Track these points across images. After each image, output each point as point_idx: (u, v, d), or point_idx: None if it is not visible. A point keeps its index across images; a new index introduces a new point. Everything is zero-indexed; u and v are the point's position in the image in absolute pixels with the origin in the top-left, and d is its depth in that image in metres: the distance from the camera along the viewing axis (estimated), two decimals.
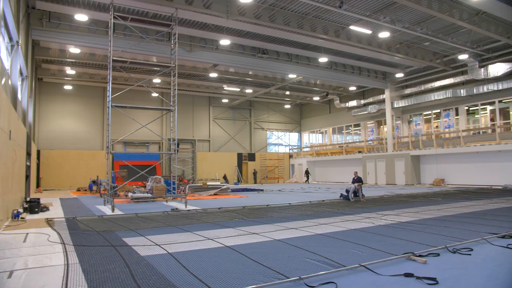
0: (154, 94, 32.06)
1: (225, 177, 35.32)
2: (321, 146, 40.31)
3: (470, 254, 5.31)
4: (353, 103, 34.83)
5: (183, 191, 18.97)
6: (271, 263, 4.90)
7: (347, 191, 15.25)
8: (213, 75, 28.18)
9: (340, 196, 15.82)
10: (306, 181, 36.31)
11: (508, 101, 25.17)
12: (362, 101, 34.29)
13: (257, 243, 6.36)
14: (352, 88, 34.05)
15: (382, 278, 4.27)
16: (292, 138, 43.82)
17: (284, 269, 4.59)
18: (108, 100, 14.02)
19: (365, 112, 33.39)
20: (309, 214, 10.55)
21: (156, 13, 17.51)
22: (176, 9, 15.08)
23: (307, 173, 36.41)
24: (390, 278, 4.24)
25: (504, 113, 25.80)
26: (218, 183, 25.69)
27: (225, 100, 37.57)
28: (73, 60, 23.80)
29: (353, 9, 17.07)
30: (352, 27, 19.71)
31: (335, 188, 24.03)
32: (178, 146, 29.91)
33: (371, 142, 34.61)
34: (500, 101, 25.28)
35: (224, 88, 33.43)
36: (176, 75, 15.36)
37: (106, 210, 12.52)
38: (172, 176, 16.29)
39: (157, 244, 6.32)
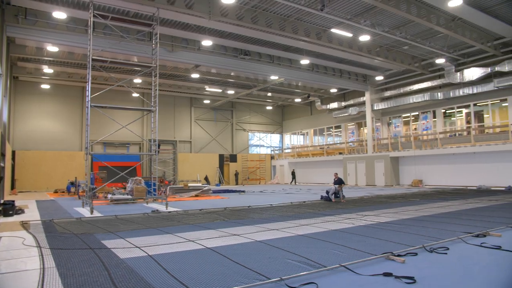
0: (135, 95, 31.64)
1: (206, 178, 35.14)
2: (303, 147, 40.60)
3: (446, 253, 5.44)
4: (334, 105, 35.22)
5: (164, 192, 18.78)
6: (252, 264, 4.91)
7: (328, 192, 15.40)
8: (195, 75, 28.02)
9: (321, 198, 15.96)
10: (292, 182, 36.18)
11: (482, 105, 25.93)
12: (343, 103, 34.71)
13: (238, 245, 6.35)
14: (333, 90, 34.42)
15: (362, 277, 4.33)
16: (273, 139, 43.97)
17: (265, 270, 4.60)
18: (87, 100, 13.75)
19: (346, 114, 33.81)
20: (290, 215, 10.61)
21: (137, 13, 17.30)
22: (157, 8, 14.95)
23: (293, 174, 36.33)
24: (370, 278, 4.30)
25: (478, 116, 26.59)
26: (200, 184, 25.56)
27: (206, 101, 37.40)
28: (50, 59, 23.23)
29: (334, 12, 17.28)
30: (333, 30, 19.94)
31: (316, 189, 24.22)
32: (159, 147, 29.52)
33: (351, 143, 35.07)
34: (475, 105, 26.03)
35: (206, 89, 33.29)
36: (157, 75, 15.21)
37: (85, 212, 12.28)
38: (153, 177, 16.11)
39: (137, 247, 6.23)
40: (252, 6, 17.66)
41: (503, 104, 24.82)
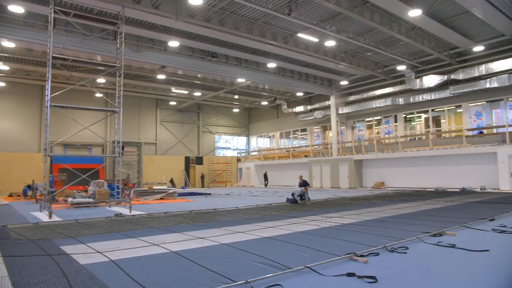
0: (98, 95, 30.69)
1: (171, 181, 34.60)
2: (269, 150, 40.88)
3: (406, 253, 5.64)
4: (300, 108, 35.74)
5: (128, 195, 18.32)
6: (217, 268, 4.88)
7: (293, 194, 15.57)
8: (161, 76, 27.58)
9: (287, 200, 16.11)
10: (265, 184, 35.93)
11: (440, 110, 27.20)
12: (309, 107, 35.29)
13: (204, 248, 6.30)
14: (300, 94, 34.92)
15: (326, 278, 4.41)
16: (240, 142, 44.00)
17: (231, 273, 4.59)
18: (46, 100, 13.16)
19: (312, 118, 34.39)
20: (256, 217, 10.63)
21: (101, 10, 16.81)
22: (123, 7, 14.59)
23: (265, 176, 36.15)
24: (333, 278, 4.39)
25: (436, 121, 27.85)
26: (165, 187, 25.11)
27: (173, 103, 36.90)
28: (6, 55, 22.10)
29: (301, 17, 17.56)
30: (300, 35, 20.27)
31: (282, 192, 24.44)
32: (123, 149, 28.78)
33: (317, 146, 35.69)
34: (433, 110, 27.26)
35: (172, 90, 32.87)
36: (122, 75, 14.83)
37: (43, 216, 11.75)
38: (116, 180, 15.67)
39: (98, 252, 6.03)
40: (220, 8, 17.63)
41: (458, 110, 26.14)
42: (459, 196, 17.23)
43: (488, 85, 22.36)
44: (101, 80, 28.28)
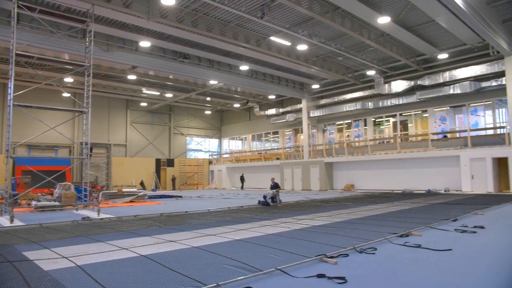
0: (66, 94, 29.75)
1: (142, 183, 33.97)
2: (241, 152, 40.88)
3: (374, 253, 5.77)
4: (272, 111, 35.96)
5: (96, 198, 17.83)
6: (188, 271, 4.82)
7: (265, 196, 15.62)
8: (132, 77, 27.06)
9: (259, 202, 16.14)
10: (241, 187, 35.34)
11: (407, 115, 28.08)
12: (281, 110, 35.56)
13: (174, 251, 6.21)
14: (272, 97, 35.15)
15: (297, 280, 4.44)
16: (212, 144, 43.79)
17: (202, 276, 4.55)
18: (9, 99, 12.63)
19: (283, 120, 34.68)
20: (228, 220, 10.60)
21: (69, 7, 16.32)
22: (92, 5, 14.22)
23: (242, 178, 35.55)
24: (304, 280, 4.43)
25: (404, 125, 28.73)
26: (135, 189, 24.64)
27: (143, 104, 36.28)
28: None
29: (274, 20, 17.70)
30: (272, 38, 20.42)
31: (254, 194, 24.48)
32: (91, 151, 28.01)
33: (288, 149, 35.99)
34: (400, 114, 28.10)
35: (143, 91, 32.31)
36: (91, 75, 14.45)
37: (4, 221, 11.24)
38: (84, 182, 15.22)
39: (64, 257, 5.83)
40: (193, 10, 17.52)
41: (424, 115, 27.08)
42: (425, 198, 17.82)
43: (451, 91, 23.32)
44: (68, 80, 27.43)
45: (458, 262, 5.33)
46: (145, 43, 20.60)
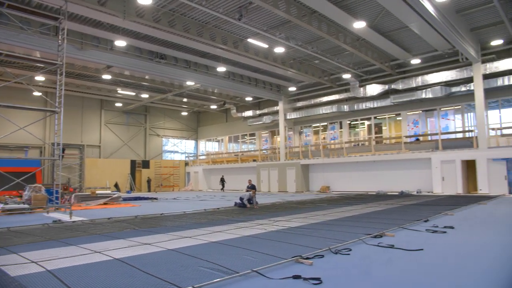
0: (37, 93, 28.81)
1: (116, 185, 33.31)
2: (217, 154, 40.72)
3: (349, 254, 5.87)
4: (249, 113, 36.01)
5: (68, 200, 17.36)
6: (163, 274, 4.76)
7: (241, 198, 15.61)
8: (107, 77, 26.52)
9: (235, 204, 16.12)
10: (221, 188, 34.78)
11: (381, 118, 28.70)
12: (258, 112, 35.64)
13: (149, 254, 6.12)
14: (249, 99, 35.19)
15: (273, 281, 4.46)
16: (188, 145, 43.42)
17: (177, 279, 4.50)
18: None
19: (260, 122, 34.78)
20: (204, 222, 10.53)
21: (41, 3, 15.84)
22: (65, 1, 13.88)
23: (222, 180, 35.07)
24: (280, 281, 4.45)
25: (378, 128, 29.34)
26: (109, 191, 24.14)
27: (118, 104, 35.61)
28: None
29: (251, 23, 17.75)
30: (250, 40, 20.47)
31: (230, 196, 24.42)
32: (63, 152, 27.29)
33: (265, 151, 36.11)
34: (375, 117, 28.70)
35: (118, 91, 31.71)
36: (64, 73, 14.08)
37: None
38: (56, 184, 14.78)
39: (33, 262, 5.63)
40: (170, 10, 17.35)
41: (398, 118, 27.74)
42: (398, 199, 18.24)
43: (423, 96, 24.00)
44: (40, 78, 26.61)
45: (429, 261, 5.48)
46: (120, 43, 20.24)
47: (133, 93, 32.24)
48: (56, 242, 7.42)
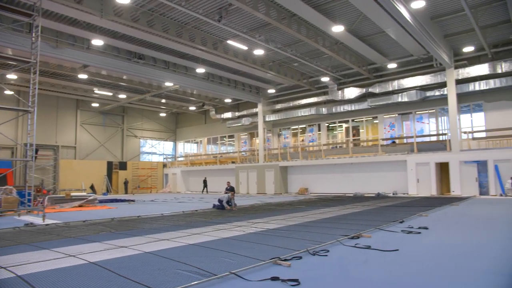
0: (8, 92, 27.89)
1: (92, 187, 32.60)
2: (196, 156, 40.45)
3: (327, 255, 5.92)
4: (228, 114, 35.94)
5: (41, 203, 16.85)
6: (140, 277, 4.69)
7: (220, 200, 15.55)
8: (83, 76, 25.96)
9: (213, 206, 16.04)
10: (203, 190, 34.01)
11: (359, 121, 29.17)
12: (237, 113, 35.63)
13: (125, 257, 6.01)
14: (228, 100, 35.13)
15: (251, 283, 4.45)
16: (166, 147, 42.97)
17: (154, 283, 4.44)
18: None
19: (239, 124, 34.77)
20: (182, 224, 10.43)
21: None
22: None
23: (205, 182, 34.27)
24: (258, 283, 4.45)
25: (356, 130, 29.81)
26: (84, 193, 23.58)
27: (95, 104, 34.90)
28: None
29: (231, 24, 17.75)
30: (229, 42, 20.45)
31: (209, 198, 24.28)
32: (36, 152, 26.52)
33: (244, 153, 36.11)
34: (353, 120, 29.14)
35: (95, 91, 31.07)
36: (37, 72, 13.67)
37: None
38: (28, 186, 14.33)
39: (2, 267, 5.42)
40: (149, 9, 17.16)
41: (375, 121, 28.27)
42: (375, 201, 18.55)
43: (399, 99, 24.55)
44: (12, 76, 25.80)
45: (404, 261, 5.60)
46: (97, 42, 19.86)
47: (110, 93, 31.67)
48: (28, 246, 7.19)
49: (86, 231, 9.29)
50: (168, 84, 27.12)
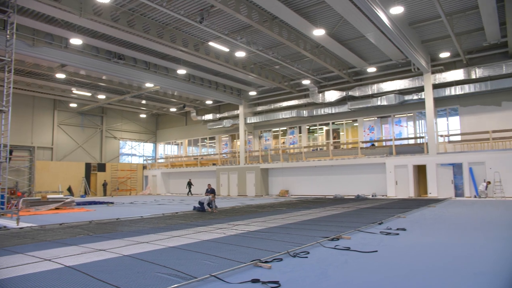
0: None
1: (69, 189, 31.88)
2: (177, 157, 40.10)
3: (307, 257, 5.96)
4: (209, 116, 35.79)
5: (15, 205, 16.37)
6: (118, 281, 4.61)
7: (201, 203, 15.46)
8: (60, 75, 25.39)
9: (194, 208, 15.94)
10: (188, 193, 32.87)
11: (339, 123, 29.53)
12: (218, 115, 35.52)
13: (104, 260, 5.90)
14: (209, 102, 34.99)
15: (231, 286, 4.44)
16: (146, 148, 42.44)
17: (133, 286, 4.37)
18: None
19: (220, 126, 34.67)
20: (162, 226, 10.32)
21: None
22: None
23: (189, 184, 33.15)
24: (238, 285, 4.45)
25: (336, 133, 30.16)
26: (61, 195, 23.04)
27: (73, 105, 34.17)
28: None
29: (213, 26, 17.70)
30: (211, 43, 20.39)
31: (189, 200, 24.11)
32: (10, 153, 25.76)
33: (225, 155, 36.00)
34: (333, 123, 29.48)
35: (73, 91, 30.43)
36: (12, 71, 13.31)
37: None
38: (1, 188, 13.90)
39: None
40: (130, 9, 16.93)
41: (355, 124, 28.67)
42: (354, 203, 18.80)
43: (379, 103, 24.99)
44: None
45: (383, 262, 5.69)
46: (76, 41, 19.45)
47: (89, 94, 31.07)
48: (1, 251, 6.97)
49: (62, 234, 9.08)
50: (148, 85, 26.81)
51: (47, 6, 15.40)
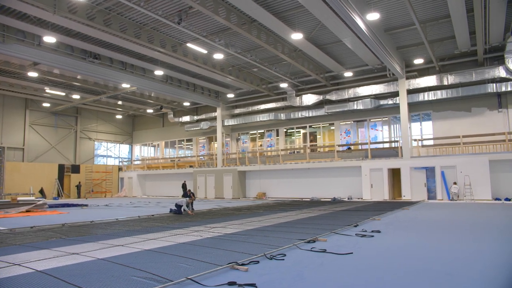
0: None
1: (41, 191, 30.94)
2: (153, 159, 39.57)
3: (283, 259, 6.00)
4: (186, 118, 35.51)
5: None
6: (92, 285, 4.51)
7: (178, 205, 15.31)
8: (33, 74, 24.65)
9: (170, 211, 15.77)
10: (183, 195, 31.52)
11: (316, 127, 29.87)
12: (195, 117, 35.29)
13: (77, 264, 5.77)
14: (186, 104, 34.72)
15: None
16: (122, 150, 41.70)
17: None
18: None
19: (198, 128, 34.45)
20: (138, 229, 10.17)
21: None
22: None
23: (183, 186, 31.71)
24: None
25: (313, 136, 30.49)
26: (33, 198, 22.35)
27: (46, 104, 33.22)
28: None
29: (191, 27, 17.61)
30: (189, 45, 20.28)
31: (166, 202, 23.83)
32: None
33: (202, 157, 35.79)
34: (310, 126, 29.79)
35: (46, 90, 29.58)
36: None
37: None
38: None
39: None
40: (106, 8, 16.64)
41: (331, 128, 29.06)
42: (331, 205, 19.04)
43: (355, 107, 25.44)
44: None
45: (358, 264, 5.79)
46: (49, 39, 18.91)
47: (63, 93, 30.27)
48: None
49: (33, 237, 8.81)
50: (125, 85, 26.38)
51: (19, 2, 14.92)
